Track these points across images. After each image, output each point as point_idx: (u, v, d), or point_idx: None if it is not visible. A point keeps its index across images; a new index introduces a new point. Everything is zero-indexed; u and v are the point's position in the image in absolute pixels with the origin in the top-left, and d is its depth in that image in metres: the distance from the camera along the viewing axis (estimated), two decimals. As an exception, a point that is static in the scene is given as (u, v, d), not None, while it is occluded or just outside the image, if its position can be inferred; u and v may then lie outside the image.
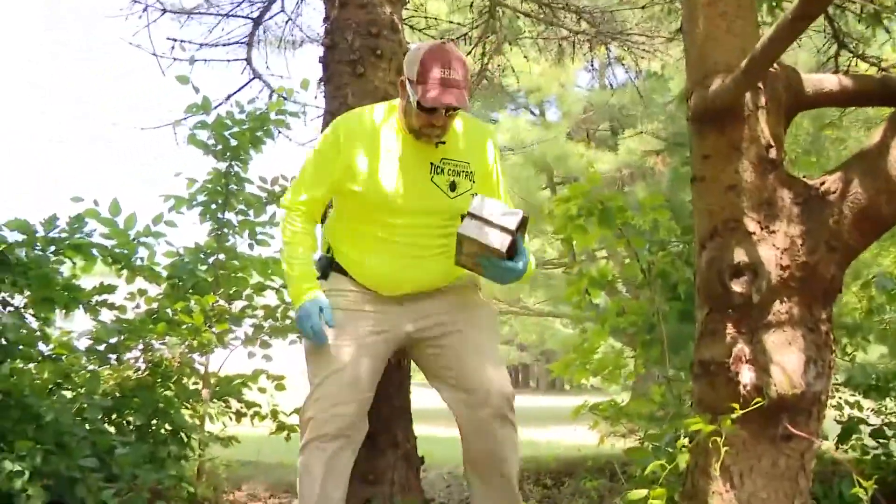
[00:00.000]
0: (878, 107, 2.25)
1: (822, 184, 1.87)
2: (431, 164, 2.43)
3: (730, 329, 1.82)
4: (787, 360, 1.77)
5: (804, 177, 1.95)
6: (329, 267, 2.54)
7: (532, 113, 15.04)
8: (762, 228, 1.85)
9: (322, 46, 3.75)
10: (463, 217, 2.29)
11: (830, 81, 2.03)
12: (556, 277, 14.63)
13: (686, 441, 1.79)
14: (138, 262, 4.49)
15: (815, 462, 3.69)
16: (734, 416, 1.70)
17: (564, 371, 4.07)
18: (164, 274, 4.57)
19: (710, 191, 1.94)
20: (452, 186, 2.44)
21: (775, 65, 1.95)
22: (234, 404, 4.93)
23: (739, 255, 1.83)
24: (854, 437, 3.73)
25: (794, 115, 2.06)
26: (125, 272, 4.52)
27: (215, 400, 4.60)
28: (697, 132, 2.01)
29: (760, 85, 1.94)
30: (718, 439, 1.71)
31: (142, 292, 4.59)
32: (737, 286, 1.82)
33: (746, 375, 1.77)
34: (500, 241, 2.22)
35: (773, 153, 1.91)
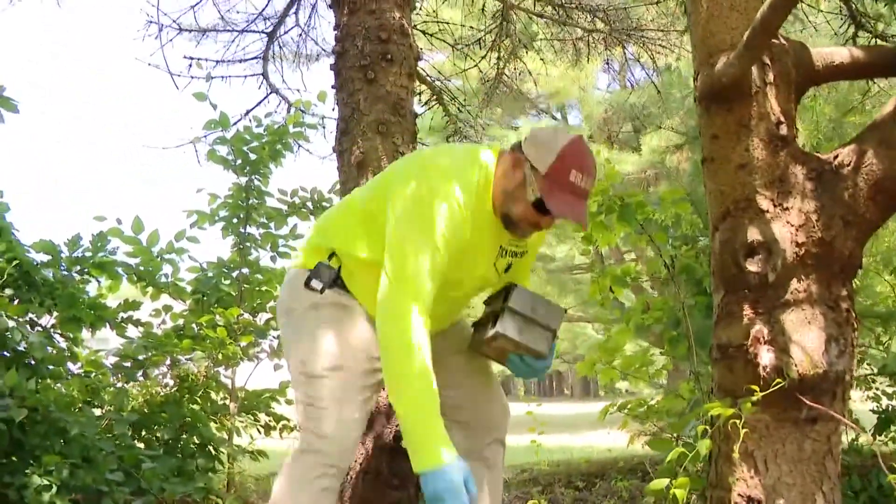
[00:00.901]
0: (893, 77, 2.19)
1: (836, 157, 1.83)
2: (500, 247, 2.10)
3: (746, 310, 1.77)
4: (806, 339, 1.72)
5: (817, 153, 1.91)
6: (334, 282, 2.03)
7: (553, 117, 14.98)
8: (775, 206, 1.80)
9: (333, 54, 3.75)
10: (494, 304, 2.10)
11: (841, 54, 1.98)
12: (586, 282, 14.54)
13: (707, 427, 1.74)
14: (163, 279, 4.54)
15: (855, 455, 3.62)
16: (754, 398, 1.65)
17: (590, 370, 4.02)
18: (189, 290, 4.61)
19: (721, 171, 1.90)
20: (507, 268, 2.16)
21: (783, 40, 1.91)
22: (263, 418, 4.95)
23: (753, 234, 1.79)
24: (893, 427, 3.64)
25: (805, 90, 2.02)
26: (150, 289, 4.58)
27: (243, 413, 4.62)
28: (705, 112, 1.97)
29: (768, 61, 1.90)
30: (739, 423, 1.66)
31: (167, 308, 4.63)
32: (751, 266, 1.78)
33: (765, 357, 1.72)
34: (545, 344, 2.09)
35: (783, 129, 1.87)
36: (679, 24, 6.11)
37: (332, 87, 3.77)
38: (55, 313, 3.96)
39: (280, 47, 6.40)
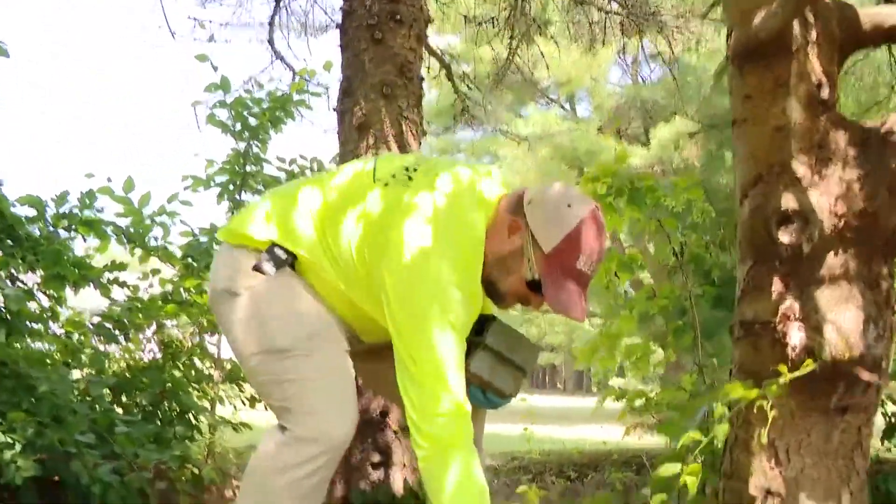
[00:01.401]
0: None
1: (884, 124, 1.66)
2: None
3: (776, 284, 1.61)
4: (842, 318, 1.55)
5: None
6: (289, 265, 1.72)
7: (562, 107, 14.79)
8: (813, 173, 1.63)
9: (340, 11, 3.58)
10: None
11: (892, 15, 1.81)
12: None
13: (725, 410, 1.58)
14: (152, 242, 4.37)
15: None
16: (781, 381, 1.49)
17: (590, 358, 3.86)
18: (179, 254, 4.44)
19: (754, 134, 1.73)
20: None
21: (829, -2, 1.74)
22: (248, 389, 4.81)
23: (788, 202, 1.62)
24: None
25: (851, 52, 1.85)
26: (139, 252, 4.41)
27: (227, 384, 4.47)
28: (738, 73, 1.80)
29: (811, 19, 1.72)
30: (764, 406, 1.49)
31: (155, 272, 4.46)
32: (784, 236, 1.61)
33: (796, 336, 1.56)
34: (514, 387, 1.89)
35: (824, 92, 1.70)
36: (698, 10, 5.94)
37: (339, 45, 3.60)
38: (39, 271, 3.82)
39: (288, 14, 6.23)
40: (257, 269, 1.70)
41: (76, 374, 3.87)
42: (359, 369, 1.79)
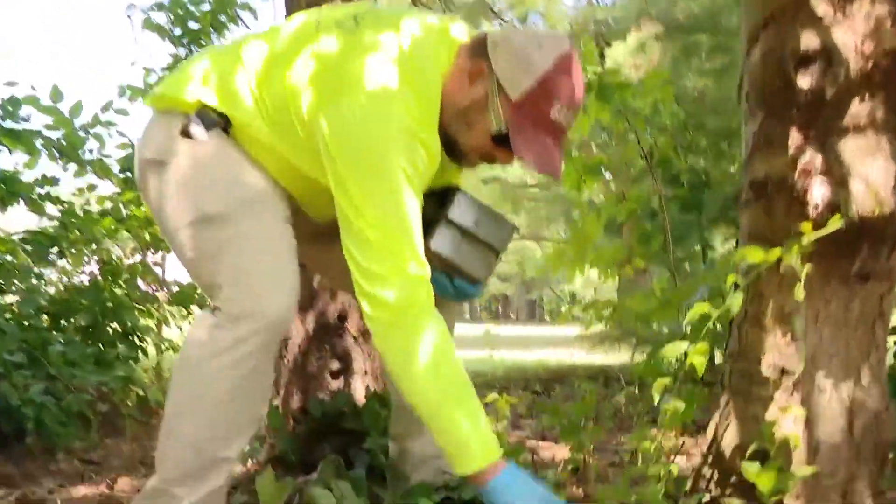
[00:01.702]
0: None
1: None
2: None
3: (794, 136, 1.41)
4: (870, 171, 1.36)
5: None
6: (223, 130, 1.47)
7: (516, 28, 14.41)
8: (836, 10, 1.42)
9: None
10: (427, 208, 1.54)
11: None
12: (541, 200, 14.26)
13: (738, 278, 1.39)
14: (87, 156, 4.03)
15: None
16: (805, 240, 1.30)
17: (558, 262, 3.69)
18: (117, 168, 4.12)
19: (764, -31, 1.51)
20: (442, 172, 1.59)
21: None
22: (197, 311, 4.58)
23: (807, 41, 1.41)
24: None
25: None
26: (73, 167, 4.07)
27: (174, 306, 4.21)
28: None
29: None
30: (797, 263, 1.30)
31: (91, 188, 4.15)
32: (803, 79, 1.41)
33: (818, 191, 1.37)
34: (485, 269, 1.67)
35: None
36: None
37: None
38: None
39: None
40: (185, 133, 1.46)
41: (10, 298, 3.60)
42: (305, 253, 1.57)
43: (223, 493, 1.47)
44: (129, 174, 4.15)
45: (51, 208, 3.84)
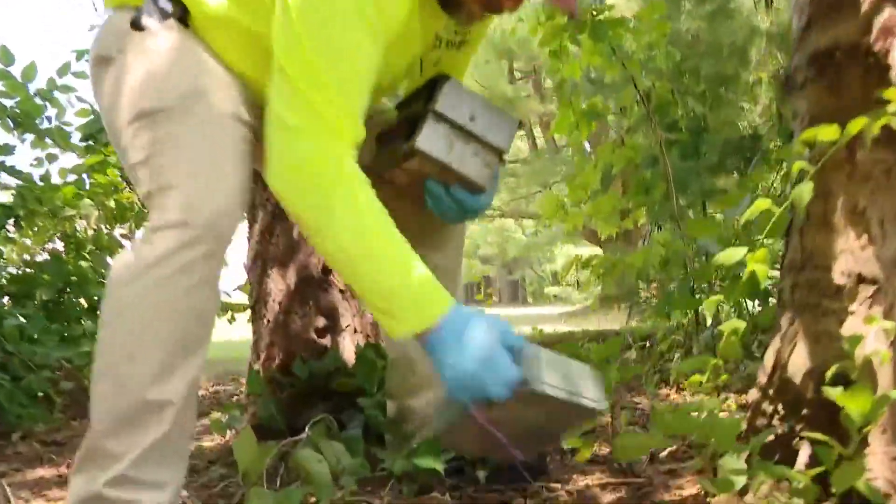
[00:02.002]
0: None
1: None
2: (436, 35, 1.40)
3: (866, -8, 1.17)
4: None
5: None
6: (179, 20, 1.25)
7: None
8: None
9: None
10: (414, 105, 1.40)
11: None
12: (521, 175, 14.01)
13: (805, 165, 1.15)
14: (45, 124, 3.74)
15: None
16: (892, 107, 1.07)
17: (554, 213, 3.47)
18: (77, 138, 3.83)
19: None
20: (437, 62, 1.46)
21: None
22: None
23: None
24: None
25: None
26: (29, 137, 3.77)
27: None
28: None
29: None
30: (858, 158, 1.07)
31: (51, 157, 3.86)
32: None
33: (903, 53, 1.14)
34: (485, 170, 1.41)
35: None
36: None
37: None
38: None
39: None
40: (135, 24, 1.22)
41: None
42: None
43: (176, 449, 1.18)
44: (92, 143, 3.87)
45: (7, 179, 3.56)
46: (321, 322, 2.21)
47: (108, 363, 1.15)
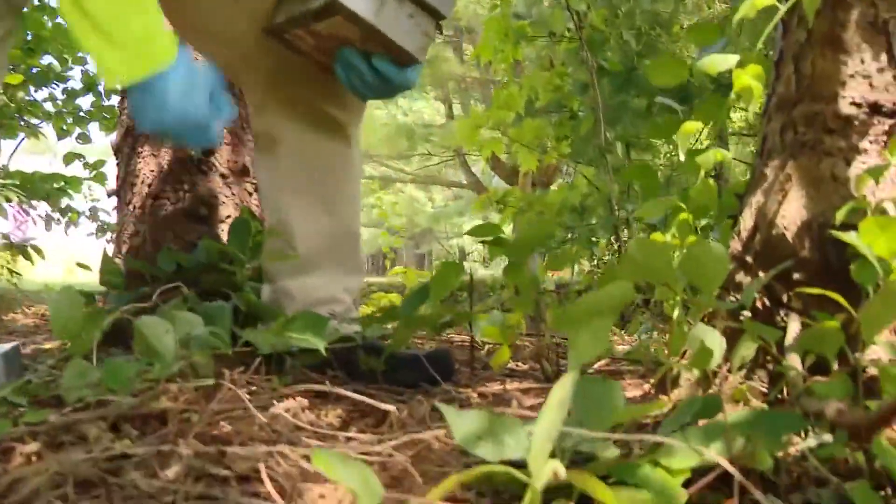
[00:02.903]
0: None
1: None
2: None
3: None
4: None
5: None
6: None
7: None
8: None
9: None
10: None
11: None
12: (434, 142, 13.70)
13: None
14: None
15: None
16: None
17: (472, 135, 3.17)
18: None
19: None
20: None
21: None
22: (43, 208, 3.89)
23: None
24: None
25: None
26: None
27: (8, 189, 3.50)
28: None
29: None
30: None
31: None
32: None
33: None
34: (417, 37, 1.15)
35: None
36: None
37: None
38: None
39: None
40: None
41: None
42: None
43: None
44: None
45: None
46: (198, 210, 1.87)
47: None
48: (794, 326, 0.88)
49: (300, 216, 1.40)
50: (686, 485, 0.59)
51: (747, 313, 0.93)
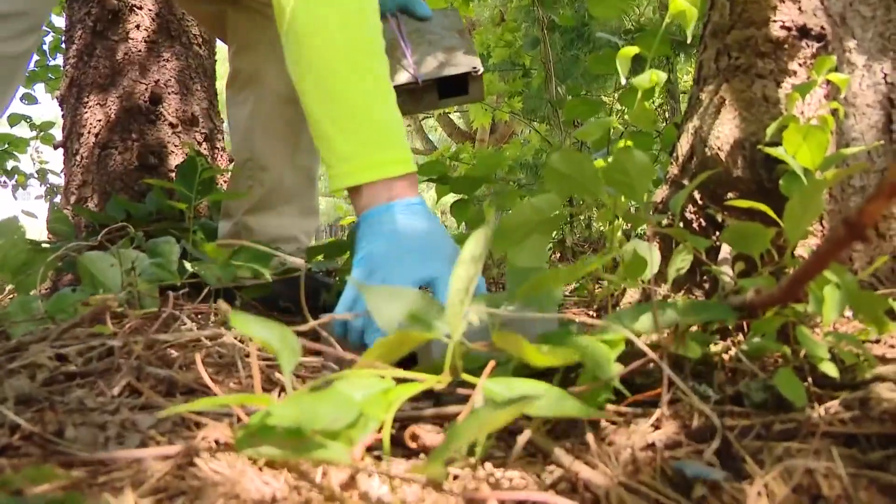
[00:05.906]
0: None
1: None
2: None
3: None
4: None
5: None
6: None
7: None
8: None
9: None
10: None
11: None
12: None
13: None
14: None
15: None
16: None
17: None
18: None
19: None
20: None
21: None
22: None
23: None
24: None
25: None
26: None
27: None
28: None
29: None
30: None
31: None
32: None
33: None
34: None
35: None
36: None
37: None
38: None
39: None
40: None
41: None
42: None
43: None
44: None
45: None
46: (147, 160, 1.85)
47: None
48: (725, 251, 0.91)
49: (270, 154, 1.41)
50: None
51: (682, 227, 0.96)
